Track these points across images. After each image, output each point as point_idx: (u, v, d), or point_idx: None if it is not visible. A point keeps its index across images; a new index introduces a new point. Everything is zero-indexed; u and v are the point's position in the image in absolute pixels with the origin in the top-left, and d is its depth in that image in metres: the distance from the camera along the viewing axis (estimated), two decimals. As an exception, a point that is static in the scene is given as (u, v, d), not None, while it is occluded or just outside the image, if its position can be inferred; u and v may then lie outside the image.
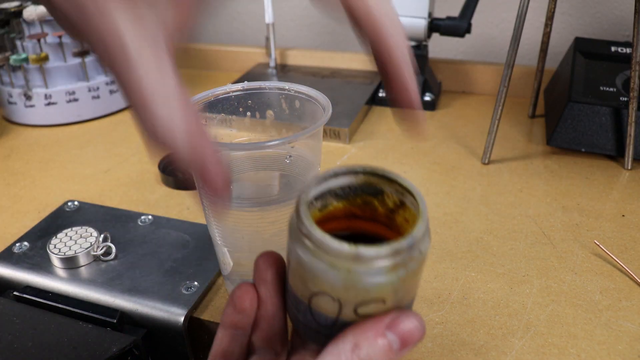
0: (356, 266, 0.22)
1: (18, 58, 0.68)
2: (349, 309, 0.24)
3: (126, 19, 0.21)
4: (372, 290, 0.23)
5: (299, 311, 0.26)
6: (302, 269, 0.23)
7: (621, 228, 0.47)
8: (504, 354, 0.35)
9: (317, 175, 0.25)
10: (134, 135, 0.68)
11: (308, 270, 0.23)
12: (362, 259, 0.22)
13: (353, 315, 0.24)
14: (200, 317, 0.39)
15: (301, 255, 0.23)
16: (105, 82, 0.73)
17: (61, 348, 0.36)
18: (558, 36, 0.77)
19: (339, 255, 0.22)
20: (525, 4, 0.53)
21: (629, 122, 0.54)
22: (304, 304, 0.25)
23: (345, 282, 0.22)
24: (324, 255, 0.22)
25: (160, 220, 0.49)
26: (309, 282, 0.23)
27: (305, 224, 0.23)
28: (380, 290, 0.23)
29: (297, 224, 0.23)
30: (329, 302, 0.24)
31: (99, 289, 0.41)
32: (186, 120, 0.22)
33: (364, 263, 0.22)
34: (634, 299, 0.39)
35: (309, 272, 0.23)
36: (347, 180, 0.26)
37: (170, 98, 0.21)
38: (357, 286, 0.22)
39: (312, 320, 0.26)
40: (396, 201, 0.26)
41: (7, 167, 0.62)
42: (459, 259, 0.44)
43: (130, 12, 0.21)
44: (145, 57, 0.21)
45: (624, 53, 0.64)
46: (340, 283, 0.22)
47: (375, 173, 0.26)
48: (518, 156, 0.60)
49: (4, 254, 0.45)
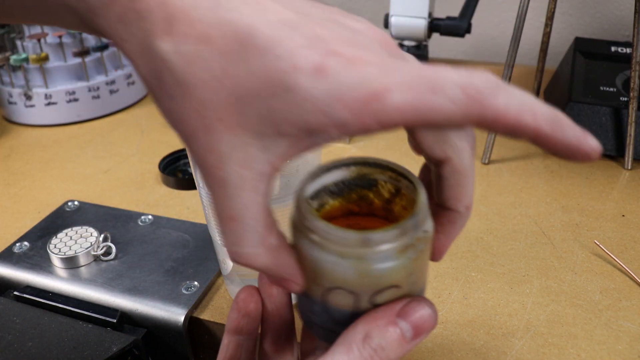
0: (366, 252, 0.22)
1: (18, 58, 0.68)
2: (365, 299, 0.23)
3: (235, 160, 0.20)
4: (385, 276, 0.22)
5: (313, 313, 0.25)
6: (312, 266, 0.23)
7: (621, 228, 0.47)
8: (504, 354, 0.35)
9: (310, 170, 0.25)
10: (134, 135, 0.68)
11: (318, 265, 0.23)
12: (370, 244, 0.21)
13: (369, 306, 0.23)
14: (200, 317, 0.39)
15: (309, 252, 0.23)
16: (105, 82, 0.73)
17: (61, 348, 0.36)
18: (558, 36, 0.77)
19: (347, 243, 0.22)
20: (525, 4, 0.53)
21: (629, 122, 0.54)
22: (318, 304, 0.25)
23: (357, 271, 0.22)
24: (332, 245, 0.22)
25: (160, 220, 0.49)
26: (320, 278, 0.23)
27: (308, 218, 0.22)
28: (393, 275, 0.22)
29: (300, 220, 0.23)
30: (344, 295, 0.23)
31: (99, 288, 0.41)
32: (267, 260, 0.23)
33: (373, 248, 0.22)
34: (634, 299, 0.39)
35: (320, 268, 0.23)
36: (340, 174, 0.25)
37: (257, 242, 0.22)
38: (370, 274, 0.22)
39: (328, 320, 0.25)
40: (391, 190, 0.26)
41: (7, 167, 0.62)
42: (459, 259, 0.44)
43: (241, 150, 0.20)
44: (240, 199, 0.21)
45: (624, 53, 0.64)
46: (352, 273, 0.22)
47: (366, 162, 0.25)
48: (518, 156, 0.60)
49: (4, 254, 0.45)
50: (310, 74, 0.19)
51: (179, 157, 0.61)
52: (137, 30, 0.20)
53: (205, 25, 0.20)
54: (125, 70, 0.76)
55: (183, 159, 0.61)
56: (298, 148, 0.20)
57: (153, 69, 0.20)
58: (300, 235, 0.23)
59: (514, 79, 0.72)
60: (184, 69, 0.20)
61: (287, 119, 0.19)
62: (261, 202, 0.21)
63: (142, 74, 0.21)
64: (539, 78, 0.66)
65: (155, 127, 0.70)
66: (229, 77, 0.19)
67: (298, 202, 0.23)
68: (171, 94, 0.20)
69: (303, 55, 0.19)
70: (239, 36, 0.19)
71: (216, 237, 0.37)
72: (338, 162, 0.25)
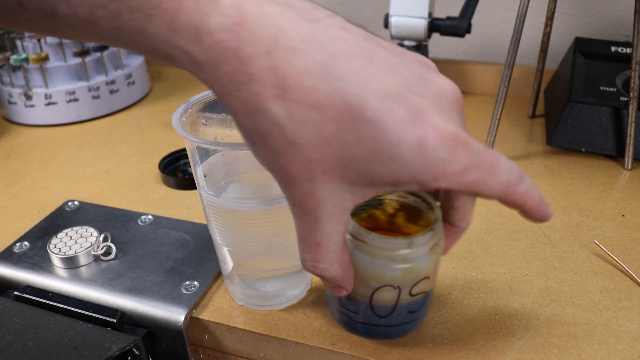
0: (410, 253, 0.28)
1: (18, 58, 0.68)
2: (406, 292, 0.30)
3: (330, 201, 0.24)
4: (422, 270, 0.29)
5: (358, 313, 0.31)
6: (364, 271, 0.29)
7: (621, 228, 0.47)
8: (504, 354, 0.35)
9: None
10: (134, 135, 0.68)
11: (370, 270, 0.29)
12: (413, 245, 0.28)
13: (409, 296, 0.30)
14: (200, 317, 0.39)
15: (362, 259, 0.28)
16: (105, 82, 0.73)
17: (61, 348, 0.36)
18: (558, 36, 0.77)
19: (396, 248, 0.28)
20: (525, 4, 0.53)
21: (629, 122, 0.54)
22: (364, 304, 0.30)
23: (403, 270, 0.28)
24: (383, 252, 0.28)
25: (160, 220, 0.49)
26: (371, 280, 0.29)
27: (361, 232, 0.28)
28: (428, 269, 0.29)
29: (351, 235, 0.29)
30: (389, 292, 0.29)
31: (99, 288, 0.41)
32: (338, 272, 0.28)
33: (415, 249, 0.28)
34: (634, 299, 0.39)
35: (372, 271, 0.29)
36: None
37: (334, 260, 0.27)
38: (413, 269, 0.28)
39: (372, 315, 0.31)
40: (396, 206, 0.32)
41: (7, 167, 0.62)
42: (459, 259, 0.44)
43: (335, 194, 0.24)
44: (326, 230, 0.26)
45: (624, 53, 0.64)
46: (400, 272, 0.28)
47: None
48: (518, 156, 0.60)
49: (4, 254, 0.45)
50: (414, 149, 0.22)
51: (179, 157, 0.61)
52: (246, 90, 0.22)
53: (318, 95, 0.22)
54: (125, 70, 0.76)
55: (183, 159, 0.61)
56: (378, 192, 0.25)
57: (260, 127, 0.23)
58: (353, 246, 0.29)
59: (514, 79, 0.72)
60: (296, 132, 0.22)
61: (383, 178, 0.23)
62: (341, 230, 0.26)
63: (245, 128, 0.23)
64: (539, 78, 0.66)
65: (155, 127, 0.70)
66: (339, 141, 0.23)
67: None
68: (279, 151, 0.23)
69: (407, 132, 0.22)
70: (349, 107, 0.22)
71: (216, 237, 0.37)
72: None
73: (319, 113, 0.22)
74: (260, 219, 0.34)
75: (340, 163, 0.23)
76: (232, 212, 0.34)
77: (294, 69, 0.22)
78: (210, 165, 0.35)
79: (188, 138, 0.32)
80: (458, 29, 0.66)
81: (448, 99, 0.25)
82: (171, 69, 0.91)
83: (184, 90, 0.83)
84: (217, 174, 0.36)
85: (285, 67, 0.21)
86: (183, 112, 0.35)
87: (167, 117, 0.73)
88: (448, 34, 0.67)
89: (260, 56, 0.21)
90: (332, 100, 0.22)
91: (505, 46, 0.81)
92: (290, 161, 0.23)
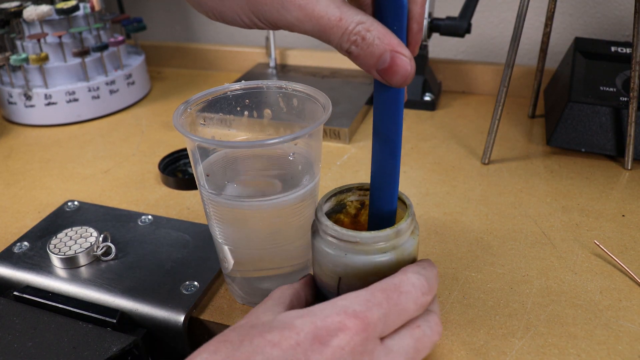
0: (399, 241, 0.30)
1: (18, 58, 0.68)
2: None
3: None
4: (411, 253, 0.31)
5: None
6: (364, 270, 0.30)
7: (621, 228, 0.47)
8: (504, 354, 0.35)
9: (320, 203, 0.33)
10: (134, 135, 0.68)
11: (369, 267, 0.30)
12: (400, 233, 0.30)
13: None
14: (200, 317, 0.39)
15: (358, 260, 0.30)
16: (105, 82, 0.73)
17: (61, 348, 0.36)
18: (558, 36, 0.77)
19: (387, 238, 0.30)
20: (525, 4, 0.53)
21: (629, 122, 0.54)
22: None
23: (395, 258, 0.30)
24: (375, 246, 0.30)
25: (160, 220, 0.49)
26: (371, 277, 0.30)
27: (350, 234, 0.30)
28: (414, 251, 0.32)
29: (340, 240, 0.30)
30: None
31: (99, 289, 0.41)
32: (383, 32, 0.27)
33: (402, 236, 0.30)
34: (634, 299, 0.39)
35: (371, 269, 0.30)
36: (327, 206, 0.33)
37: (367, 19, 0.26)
38: (404, 253, 0.31)
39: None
40: (357, 206, 0.35)
41: (7, 167, 0.62)
42: (459, 259, 0.44)
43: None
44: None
45: (624, 53, 0.64)
46: (395, 260, 0.30)
47: (342, 191, 0.34)
48: (518, 156, 0.60)
49: (4, 254, 0.45)
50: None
51: (179, 157, 0.61)
52: None
53: None
54: (125, 70, 0.76)
55: (183, 159, 0.61)
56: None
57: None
58: (345, 251, 0.30)
59: (514, 79, 0.72)
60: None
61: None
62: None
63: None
64: (539, 78, 0.66)
65: (155, 127, 0.70)
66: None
67: (327, 228, 0.31)
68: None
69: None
70: None
71: (217, 236, 0.37)
72: (326, 197, 0.33)
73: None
74: (260, 217, 0.34)
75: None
76: (233, 210, 0.34)
77: None
78: (211, 164, 0.35)
79: (189, 137, 0.32)
80: (458, 29, 0.66)
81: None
82: (171, 69, 0.91)
83: (183, 90, 0.83)
84: (218, 172, 0.36)
85: None
86: (182, 112, 0.35)
87: (167, 117, 0.73)
88: (448, 34, 0.67)
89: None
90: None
91: (505, 46, 0.81)
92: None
